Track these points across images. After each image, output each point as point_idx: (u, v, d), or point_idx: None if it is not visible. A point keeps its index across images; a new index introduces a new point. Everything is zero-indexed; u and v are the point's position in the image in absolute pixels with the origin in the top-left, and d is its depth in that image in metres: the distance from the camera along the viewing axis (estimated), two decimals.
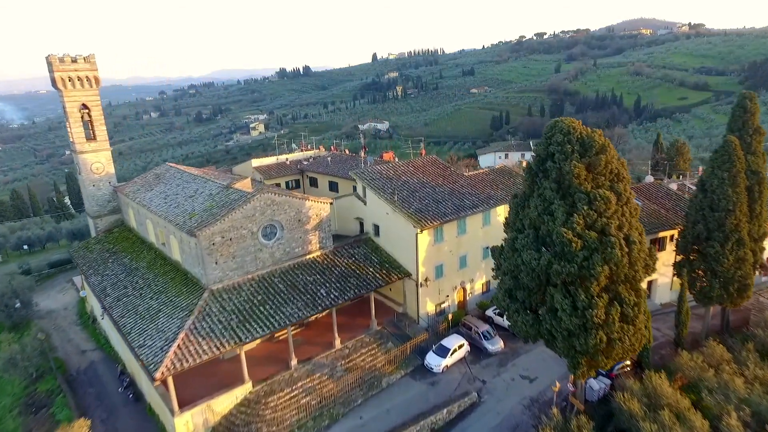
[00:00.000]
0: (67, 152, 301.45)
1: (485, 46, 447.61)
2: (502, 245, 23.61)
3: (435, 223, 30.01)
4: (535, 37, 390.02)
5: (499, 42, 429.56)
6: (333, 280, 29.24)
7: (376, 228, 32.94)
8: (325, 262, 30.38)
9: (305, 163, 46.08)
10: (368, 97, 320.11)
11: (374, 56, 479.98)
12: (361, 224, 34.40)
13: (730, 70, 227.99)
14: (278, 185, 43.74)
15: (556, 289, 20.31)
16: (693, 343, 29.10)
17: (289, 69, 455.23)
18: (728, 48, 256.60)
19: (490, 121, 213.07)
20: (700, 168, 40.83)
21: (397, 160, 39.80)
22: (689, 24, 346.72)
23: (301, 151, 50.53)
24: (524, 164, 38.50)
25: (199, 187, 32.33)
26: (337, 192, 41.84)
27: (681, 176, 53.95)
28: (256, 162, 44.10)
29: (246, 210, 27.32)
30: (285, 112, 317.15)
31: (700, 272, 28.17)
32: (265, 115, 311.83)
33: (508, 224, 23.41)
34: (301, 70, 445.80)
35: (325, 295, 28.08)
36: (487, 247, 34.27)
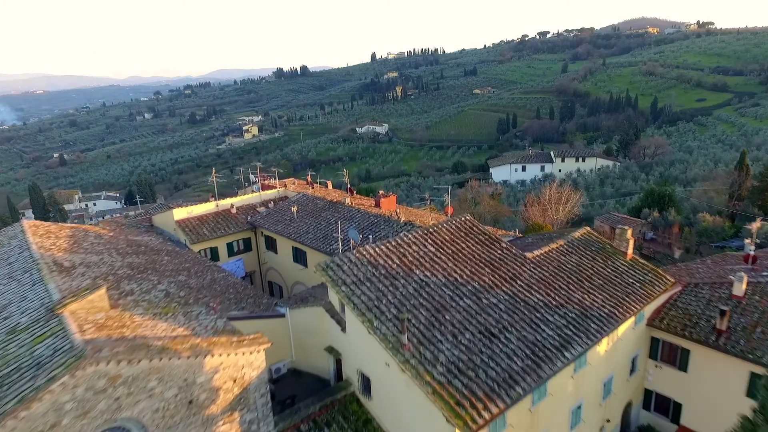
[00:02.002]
0: (55, 155, 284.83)
1: (486, 46, 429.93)
2: None
3: (494, 407, 13.46)
4: (538, 36, 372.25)
5: (501, 41, 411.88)
6: None
7: (365, 381, 16.38)
8: None
9: (260, 211, 29.46)
10: (367, 98, 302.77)
11: (373, 56, 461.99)
12: (338, 362, 17.70)
13: (748, 70, 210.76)
14: (210, 253, 27.08)
15: None
16: None
17: (286, 69, 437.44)
18: (744, 46, 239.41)
19: (496, 124, 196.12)
20: None
21: (400, 214, 22.55)
22: (698, 22, 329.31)
23: (261, 185, 33.91)
24: (628, 234, 21.81)
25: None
26: (305, 264, 25.30)
27: None
28: (180, 213, 27.46)
29: (43, 407, 10.67)
30: (281, 113, 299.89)
31: None
32: (259, 117, 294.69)
33: None
34: (299, 70, 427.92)
35: None
36: (579, 407, 17.54)
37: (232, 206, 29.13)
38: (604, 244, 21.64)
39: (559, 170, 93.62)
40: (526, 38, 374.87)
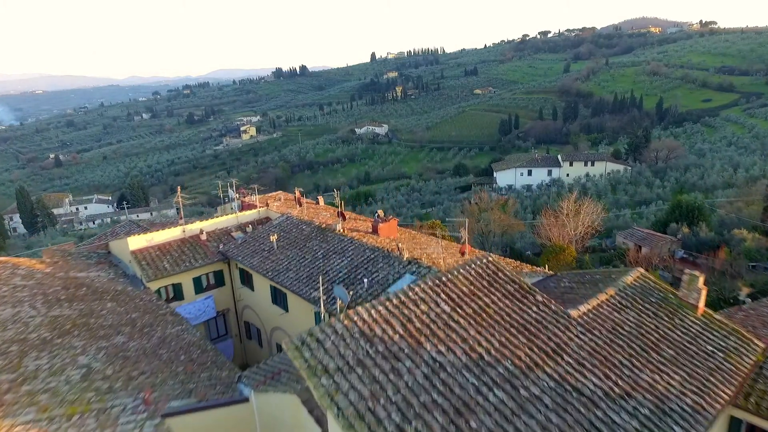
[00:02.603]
0: (51, 156, 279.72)
1: (487, 45, 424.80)
2: None
3: None
4: (539, 36, 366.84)
5: (502, 41, 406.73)
6: None
7: None
8: None
9: (235, 236, 24.61)
10: (366, 98, 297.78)
11: (373, 56, 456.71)
12: None
13: (754, 70, 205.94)
14: (173, 291, 22.21)
15: None
16: None
17: (285, 69, 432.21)
18: (749, 46, 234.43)
19: (497, 124, 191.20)
20: None
21: (402, 248, 17.52)
22: (700, 22, 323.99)
23: (242, 203, 28.98)
24: (700, 282, 16.85)
25: None
26: (285, 308, 20.45)
27: None
28: (136, 242, 22.59)
29: None
30: (280, 113, 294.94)
31: None
32: (258, 117, 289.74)
33: None
34: (298, 69, 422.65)
35: None
36: None
37: (201, 232, 24.20)
38: (665, 292, 16.75)
39: (567, 175, 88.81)
40: (527, 38, 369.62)
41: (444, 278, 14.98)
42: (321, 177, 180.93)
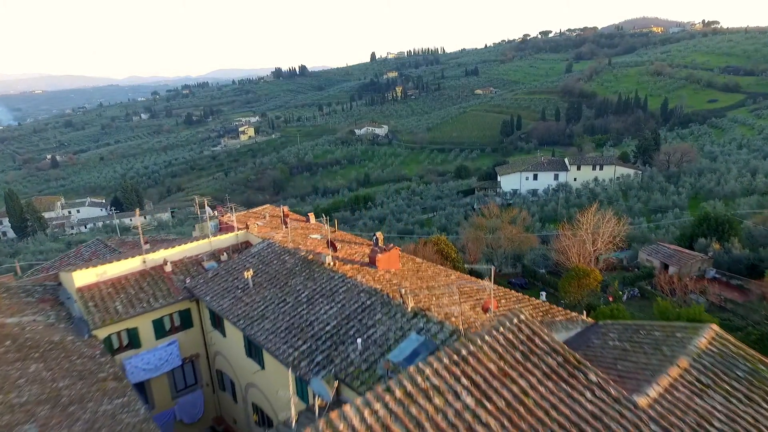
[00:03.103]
0: (48, 157, 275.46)
1: (488, 45, 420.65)
2: None
3: None
4: (540, 36, 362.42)
5: (502, 41, 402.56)
6: None
7: None
8: None
9: (208, 267, 20.57)
10: (366, 98, 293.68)
11: (373, 55, 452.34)
12: None
13: (759, 70, 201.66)
14: (127, 337, 18.21)
15: None
16: None
17: (285, 69, 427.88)
18: (753, 46, 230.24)
19: (499, 125, 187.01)
20: None
21: (407, 296, 13.27)
22: (703, 21, 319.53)
23: (220, 223, 24.93)
24: None
25: None
26: (261, 365, 16.44)
27: None
28: (84, 276, 18.59)
29: None
30: (279, 113, 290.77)
31: None
32: (257, 118, 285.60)
33: None
34: (297, 69, 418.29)
35: None
36: None
37: (165, 262, 20.17)
38: (753, 361, 12.78)
39: (575, 179, 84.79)
40: (528, 38, 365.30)
41: (464, 351, 11.04)
42: (320, 179, 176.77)
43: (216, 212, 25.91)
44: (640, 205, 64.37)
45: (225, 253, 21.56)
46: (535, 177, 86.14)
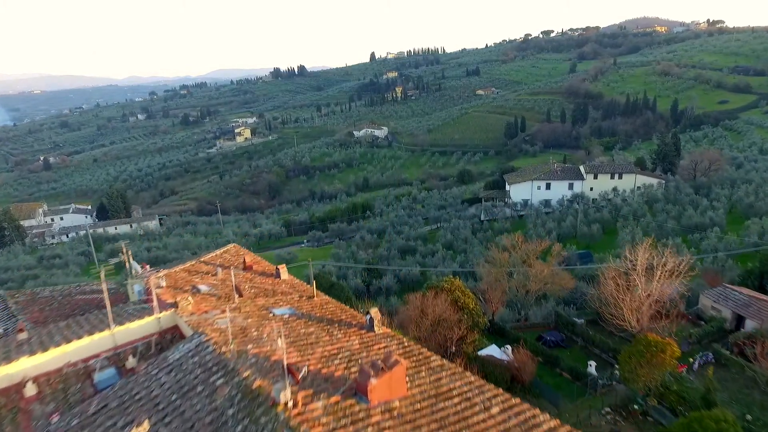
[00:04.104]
0: (41, 158, 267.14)
1: (488, 45, 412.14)
2: None
3: None
4: (541, 36, 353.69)
5: (503, 40, 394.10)
6: None
7: None
8: None
9: (98, 381, 12.61)
10: (366, 98, 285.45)
11: (372, 55, 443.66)
12: None
13: None
14: None
15: None
16: None
17: (283, 68, 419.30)
18: (762, 45, 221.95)
19: (502, 127, 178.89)
20: None
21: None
22: (707, 21, 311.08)
23: (147, 291, 17.14)
24: None
25: None
26: None
27: None
28: None
29: None
30: (276, 114, 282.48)
31: None
32: (254, 119, 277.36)
33: None
34: (296, 69, 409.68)
35: None
36: None
37: (23, 383, 12.29)
38: None
39: (591, 189, 76.85)
40: (530, 37, 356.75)
41: None
42: (317, 183, 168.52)
43: (143, 270, 17.97)
44: (672, 222, 56.38)
45: (133, 356, 13.61)
46: (548, 186, 78.18)
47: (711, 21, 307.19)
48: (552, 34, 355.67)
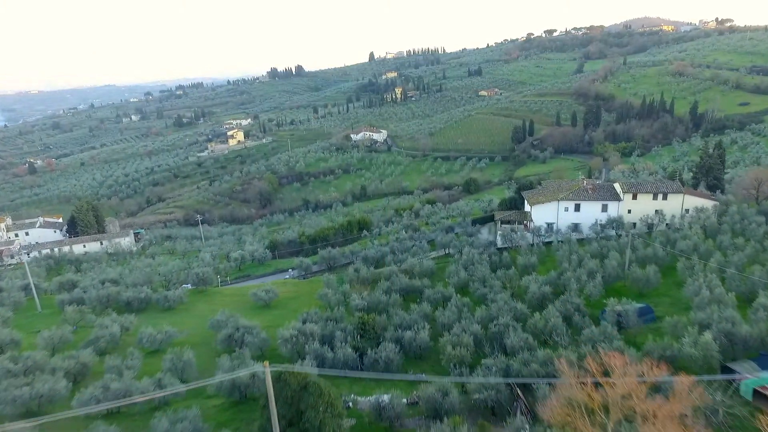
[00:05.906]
0: (30, 160, 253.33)
1: (489, 45, 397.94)
2: None
3: None
4: (545, 35, 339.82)
5: (504, 40, 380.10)
6: None
7: None
8: None
9: None
10: (364, 99, 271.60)
11: (371, 55, 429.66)
12: None
13: None
14: None
15: None
16: None
17: (281, 69, 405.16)
18: None
19: (509, 131, 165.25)
20: None
21: None
22: (716, 19, 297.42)
23: None
24: None
25: None
26: None
27: None
28: None
29: None
30: (272, 116, 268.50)
31: None
32: (248, 120, 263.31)
33: None
34: (294, 69, 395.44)
35: None
36: None
37: None
38: None
39: (629, 211, 63.22)
40: (532, 36, 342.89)
41: None
42: (311, 190, 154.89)
43: None
44: (759, 267, 42.70)
45: None
46: (577, 208, 64.52)
47: (720, 19, 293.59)
48: (555, 34, 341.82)
